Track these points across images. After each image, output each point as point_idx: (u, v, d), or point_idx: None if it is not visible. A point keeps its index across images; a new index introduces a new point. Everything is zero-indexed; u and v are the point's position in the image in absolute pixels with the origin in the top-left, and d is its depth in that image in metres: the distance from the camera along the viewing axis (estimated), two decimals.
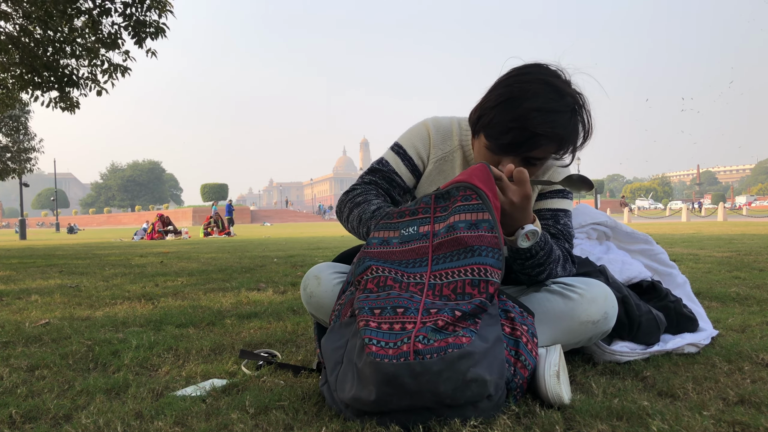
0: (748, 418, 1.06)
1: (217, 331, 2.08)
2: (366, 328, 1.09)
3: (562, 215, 1.50)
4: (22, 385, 1.40)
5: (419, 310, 1.11)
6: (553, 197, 1.52)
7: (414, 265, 1.22)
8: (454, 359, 1.01)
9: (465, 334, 1.05)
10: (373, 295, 1.16)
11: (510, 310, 1.19)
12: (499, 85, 1.35)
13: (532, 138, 1.27)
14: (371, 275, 1.20)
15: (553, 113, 1.26)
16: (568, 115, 1.29)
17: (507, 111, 1.28)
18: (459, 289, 1.13)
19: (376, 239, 1.28)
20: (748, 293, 2.65)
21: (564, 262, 1.43)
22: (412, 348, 1.03)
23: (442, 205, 1.26)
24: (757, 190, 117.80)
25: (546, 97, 1.27)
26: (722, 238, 7.93)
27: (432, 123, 1.55)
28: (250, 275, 4.21)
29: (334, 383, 1.13)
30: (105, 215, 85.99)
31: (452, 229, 1.20)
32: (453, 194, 1.24)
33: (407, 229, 1.26)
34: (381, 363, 1.02)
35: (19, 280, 4.22)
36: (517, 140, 1.28)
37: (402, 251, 1.24)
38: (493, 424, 1.05)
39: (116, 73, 8.33)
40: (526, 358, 1.15)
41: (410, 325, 1.08)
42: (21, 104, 10.09)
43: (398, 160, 1.53)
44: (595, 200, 35.80)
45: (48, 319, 2.39)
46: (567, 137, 1.30)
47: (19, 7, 7.56)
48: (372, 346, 1.05)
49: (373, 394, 1.03)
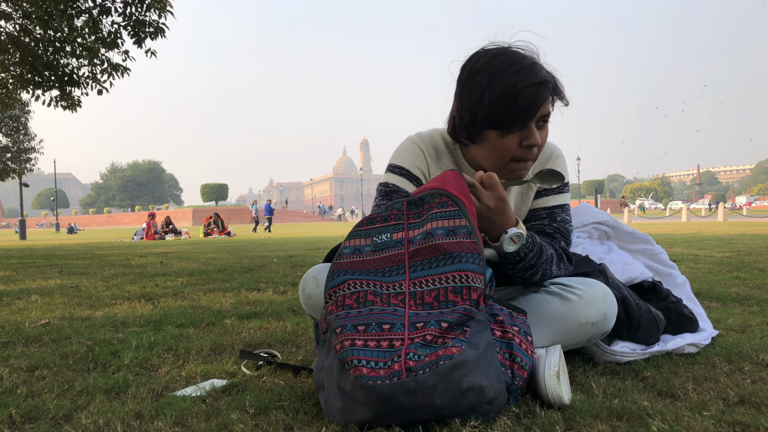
0: (748, 418, 1.06)
1: (217, 332, 2.08)
2: (353, 348, 1.07)
3: (559, 211, 1.49)
4: (22, 385, 1.40)
5: (405, 325, 1.09)
6: (548, 194, 1.50)
7: (391, 273, 1.19)
8: (447, 371, 1.00)
9: (455, 344, 1.04)
10: (354, 311, 1.14)
11: (498, 314, 1.17)
12: (465, 86, 1.33)
13: (536, 93, 1.26)
14: (349, 290, 1.18)
15: (532, 66, 1.28)
16: (540, 65, 1.31)
17: (496, 89, 1.27)
18: (441, 296, 1.12)
19: (347, 248, 1.25)
20: (748, 293, 2.65)
21: (558, 261, 1.42)
22: (403, 366, 1.02)
23: (416, 211, 1.24)
24: (757, 190, 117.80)
25: (517, 59, 1.28)
26: (722, 238, 7.93)
27: (419, 139, 1.50)
28: (250, 275, 4.21)
29: (324, 407, 1.12)
30: (105, 215, 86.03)
31: (430, 236, 1.18)
32: (427, 201, 1.23)
33: (380, 236, 1.24)
34: (374, 385, 1.01)
35: (19, 280, 4.22)
36: (526, 102, 1.26)
37: (376, 260, 1.21)
38: (494, 424, 1.05)
39: (116, 73, 8.33)
40: (522, 359, 1.14)
41: (398, 342, 1.07)
42: (21, 104, 10.10)
43: (406, 182, 1.46)
44: (596, 200, 35.80)
45: (48, 319, 2.39)
46: (556, 83, 1.33)
47: (19, 7, 7.56)
48: (362, 368, 1.03)
49: (369, 415, 1.02)
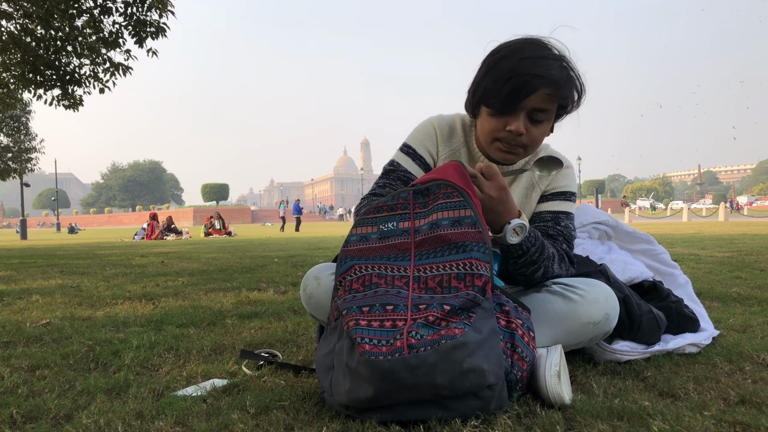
0: (749, 418, 1.06)
1: (218, 331, 2.08)
2: (356, 327, 1.09)
3: (563, 217, 1.51)
4: (23, 385, 1.40)
5: (408, 306, 1.11)
6: (554, 199, 1.52)
7: (396, 258, 1.22)
8: (449, 350, 1.02)
9: (458, 326, 1.06)
10: (360, 294, 1.16)
11: (505, 304, 1.19)
12: (483, 61, 1.38)
13: (529, 81, 1.27)
14: (355, 275, 1.20)
15: (542, 59, 1.29)
16: (559, 63, 1.31)
17: (498, 69, 1.31)
18: (445, 282, 1.14)
19: (354, 236, 1.28)
20: (749, 293, 2.65)
21: (560, 261, 1.43)
22: (405, 343, 1.03)
23: (421, 201, 1.26)
24: (758, 190, 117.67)
25: (532, 48, 1.31)
26: (723, 238, 7.93)
27: (437, 120, 1.56)
28: (251, 275, 4.21)
29: (329, 388, 1.13)
30: (106, 215, 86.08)
31: (435, 227, 1.20)
32: (433, 191, 1.25)
33: (386, 225, 1.26)
34: (376, 360, 1.02)
35: (20, 280, 4.22)
36: (515, 87, 1.29)
37: (382, 247, 1.24)
38: (494, 424, 1.05)
39: (118, 72, 8.34)
40: (522, 350, 1.15)
41: (401, 323, 1.08)
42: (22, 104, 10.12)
43: (409, 161, 1.53)
44: (596, 200, 35.77)
45: (49, 319, 2.40)
46: (561, 83, 1.30)
47: (20, 7, 7.57)
48: (365, 345, 1.05)
49: (371, 391, 1.03)
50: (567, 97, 1.34)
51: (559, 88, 1.31)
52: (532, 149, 1.41)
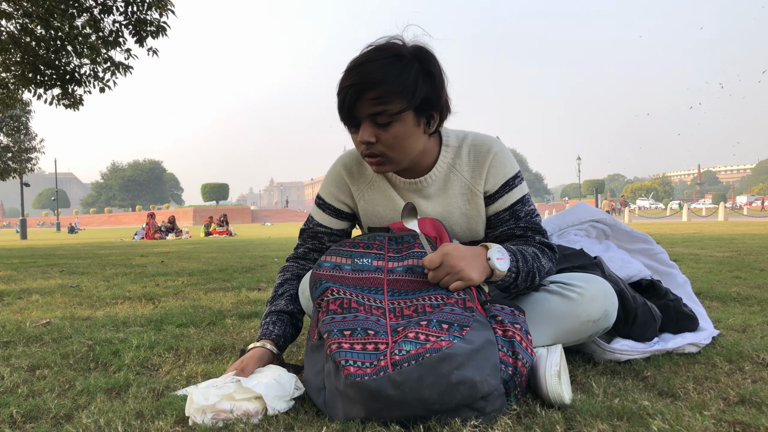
0: (748, 418, 1.06)
1: (218, 331, 2.08)
2: (339, 350, 1.09)
3: (520, 206, 1.45)
4: (23, 384, 1.40)
5: (388, 332, 1.13)
6: (501, 195, 1.45)
7: (370, 291, 1.24)
8: (434, 363, 1.00)
9: (446, 339, 1.05)
10: (339, 316, 1.16)
11: (497, 314, 1.18)
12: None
13: (347, 92, 1.27)
14: (332, 296, 1.20)
15: (358, 66, 1.27)
16: (383, 62, 1.26)
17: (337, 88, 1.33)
18: (419, 309, 1.18)
19: (327, 263, 1.30)
20: (748, 293, 2.65)
21: (542, 254, 1.39)
22: (389, 361, 1.04)
23: (395, 247, 1.32)
24: (758, 190, 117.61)
25: (354, 58, 1.30)
26: (723, 237, 7.93)
27: (347, 157, 1.57)
28: (251, 275, 4.21)
29: (324, 407, 1.13)
30: (106, 215, 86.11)
31: (410, 272, 1.26)
32: (407, 240, 1.32)
33: (361, 260, 1.30)
34: (362, 381, 1.02)
35: (20, 279, 4.22)
36: (340, 101, 1.30)
37: (355, 278, 1.26)
38: (494, 424, 1.05)
39: (118, 72, 8.34)
40: (523, 356, 1.14)
41: (383, 346, 1.10)
42: (22, 104, 10.11)
43: (320, 213, 1.59)
44: (596, 200, 35.77)
45: (49, 318, 2.40)
46: (378, 83, 1.24)
47: (20, 7, 7.56)
48: (350, 368, 1.05)
49: (362, 412, 1.04)
50: (397, 93, 1.25)
51: (376, 88, 1.25)
52: (398, 152, 1.34)
